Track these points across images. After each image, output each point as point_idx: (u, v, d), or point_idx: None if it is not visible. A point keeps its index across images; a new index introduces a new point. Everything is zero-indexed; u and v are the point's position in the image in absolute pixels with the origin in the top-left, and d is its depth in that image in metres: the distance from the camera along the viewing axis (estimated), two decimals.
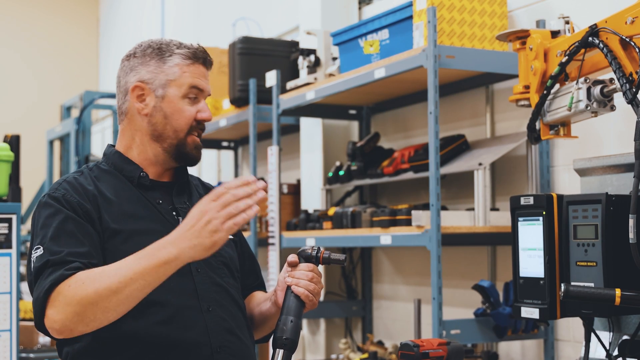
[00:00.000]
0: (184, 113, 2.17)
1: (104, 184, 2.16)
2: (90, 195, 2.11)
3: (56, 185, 2.14)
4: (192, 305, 2.08)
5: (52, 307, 1.92)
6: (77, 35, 11.22)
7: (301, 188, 5.03)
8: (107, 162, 2.23)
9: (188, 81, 2.17)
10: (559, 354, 3.62)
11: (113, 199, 2.12)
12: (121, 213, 2.11)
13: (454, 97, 4.23)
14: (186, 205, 2.21)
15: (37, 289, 1.96)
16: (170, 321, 2.04)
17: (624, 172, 2.46)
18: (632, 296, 2.13)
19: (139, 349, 2.02)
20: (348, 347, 4.57)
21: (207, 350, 2.06)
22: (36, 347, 4.92)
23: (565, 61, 2.51)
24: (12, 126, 8.32)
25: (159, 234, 2.06)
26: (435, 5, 3.48)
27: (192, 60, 2.19)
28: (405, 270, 4.65)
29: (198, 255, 1.89)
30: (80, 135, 7.34)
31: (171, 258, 1.89)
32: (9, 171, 3.55)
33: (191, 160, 2.22)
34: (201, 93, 2.20)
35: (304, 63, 4.45)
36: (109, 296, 1.88)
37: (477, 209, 3.60)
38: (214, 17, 7.18)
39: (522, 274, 2.45)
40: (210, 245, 1.88)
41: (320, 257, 2.11)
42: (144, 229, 2.11)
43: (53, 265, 1.96)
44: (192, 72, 2.18)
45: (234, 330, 2.14)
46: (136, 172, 2.18)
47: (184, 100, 2.17)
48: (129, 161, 2.20)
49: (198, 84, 2.18)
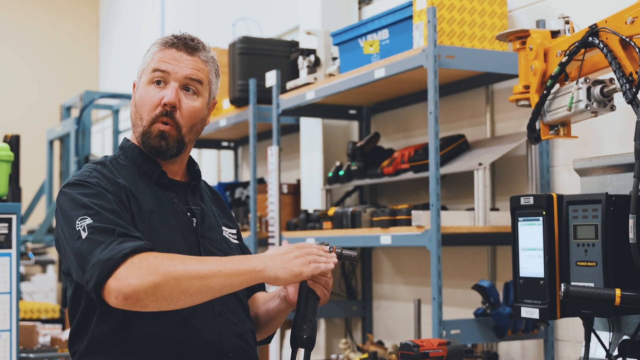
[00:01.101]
0: (147, 99, 2.11)
1: (124, 177, 2.13)
2: (122, 186, 2.07)
3: (87, 173, 2.08)
4: (205, 309, 2.06)
5: (129, 270, 1.84)
6: (77, 35, 11.22)
7: (301, 188, 5.03)
8: (125, 156, 2.19)
9: (152, 65, 2.13)
10: (559, 354, 3.62)
11: (136, 191, 2.10)
12: (145, 204, 2.08)
13: (454, 97, 4.23)
14: (200, 207, 2.20)
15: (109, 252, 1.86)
16: (185, 323, 2.03)
17: (624, 172, 2.46)
18: (632, 296, 2.13)
19: (153, 350, 2.01)
20: (348, 347, 4.57)
21: (219, 354, 2.06)
22: (36, 347, 4.92)
23: (565, 61, 2.51)
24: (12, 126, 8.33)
25: (179, 230, 2.06)
26: (435, 5, 3.48)
27: (164, 46, 2.14)
28: (405, 270, 4.65)
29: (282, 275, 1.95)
30: (80, 135, 7.34)
31: (258, 268, 1.93)
32: (9, 171, 3.55)
33: (156, 151, 2.13)
34: (168, 75, 2.11)
35: (304, 63, 4.45)
36: (194, 278, 1.87)
37: (477, 209, 3.60)
38: (214, 17, 7.18)
39: (522, 274, 2.45)
40: (298, 273, 1.97)
41: (333, 251, 2.09)
42: (167, 224, 2.09)
43: (123, 236, 1.91)
44: (159, 57, 2.13)
45: (243, 334, 2.14)
46: (155, 169, 2.16)
47: (150, 86, 2.12)
48: (149, 158, 2.17)
49: (159, 66, 2.11)
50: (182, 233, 2.12)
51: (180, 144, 2.14)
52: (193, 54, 2.15)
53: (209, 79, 2.19)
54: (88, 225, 1.92)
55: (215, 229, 2.23)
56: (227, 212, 2.37)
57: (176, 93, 2.10)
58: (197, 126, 2.18)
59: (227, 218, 2.35)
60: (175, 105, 2.10)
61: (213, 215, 2.26)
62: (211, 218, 2.24)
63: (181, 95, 2.12)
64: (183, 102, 2.12)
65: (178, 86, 2.11)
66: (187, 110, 2.13)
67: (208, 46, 2.20)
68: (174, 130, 2.12)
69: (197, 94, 2.15)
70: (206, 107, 2.20)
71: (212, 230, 2.21)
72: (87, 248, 1.90)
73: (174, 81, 2.11)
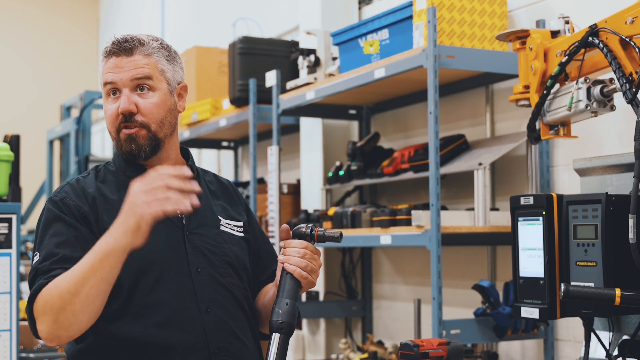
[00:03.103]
0: (108, 112, 2.13)
1: (109, 184, 2.16)
2: (90, 197, 2.10)
3: (58, 189, 2.16)
4: (189, 307, 2.06)
5: (36, 317, 1.96)
6: (77, 35, 11.22)
7: (301, 188, 5.03)
8: (114, 163, 2.23)
9: (102, 79, 2.14)
10: (559, 354, 3.62)
11: (115, 199, 2.11)
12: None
13: (454, 97, 4.23)
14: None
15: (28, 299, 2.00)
16: (167, 323, 2.03)
17: (624, 172, 2.46)
18: (632, 296, 2.13)
19: (136, 352, 2.01)
20: (348, 347, 4.57)
21: (204, 352, 2.05)
22: (36, 347, 4.92)
23: (565, 61, 2.51)
24: (12, 126, 8.32)
25: (163, 230, 2.06)
26: (435, 5, 3.48)
27: (106, 57, 2.14)
28: (405, 270, 4.65)
29: (131, 241, 1.87)
30: (80, 135, 7.34)
31: (109, 248, 1.89)
32: (8, 171, 3.55)
33: (130, 155, 2.13)
34: (116, 85, 2.10)
35: (304, 63, 4.45)
36: (72, 299, 1.89)
37: (477, 209, 3.60)
38: (214, 17, 7.18)
39: (522, 274, 2.45)
40: (135, 228, 1.86)
41: (315, 234, 2.02)
42: None
43: (41, 274, 1.99)
44: (105, 69, 2.13)
45: (234, 331, 2.12)
46: (137, 172, 2.14)
47: (109, 99, 2.13)
48: (130, 162, 2.18)
49: (106, 78, 2.11)
50: (167, 233, 2.10)
51: (154, 140, 2.13)
52: (131, 54, 2.12)
53: (159, 69, 2.14)
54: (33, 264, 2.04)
55: (209, 224, 2.20)
56: (235, 204, 2.33)
57: (127, 99, 2.09)
58: (167, 118, 2.15)
59: (235, 210, 2.31)
60: (132, 111, 2.09)
61: (210, 210, 2.23)
62: (206, 213, 2.21)
63: (136, 98, 2.10)
64: (140, 102, 2.10)
65: (129, 90, 2.10)
66: (146, 109, 2.11)
67: (147, 38, 2.16)
68: (142, 130, 2.11)
69: (152, 89, 2.13)
70: (170, 96, 2.16)
71: (205, 225, 2.19)
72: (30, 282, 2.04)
73: (123, 87, 2.11)
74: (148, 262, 2.05)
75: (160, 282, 2.05)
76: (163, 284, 2.03)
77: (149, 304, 2.02)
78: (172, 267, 2.08)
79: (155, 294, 2.02)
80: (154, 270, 2.06)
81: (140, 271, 2.04)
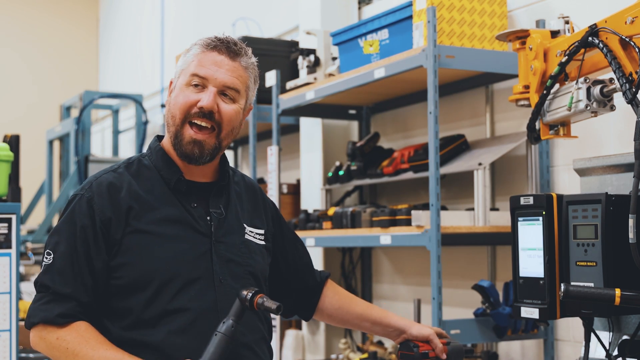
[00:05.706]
0: (182, 98, 2.09)
1: (142, 181, 2.12)
2: (118, 201, 2.07)
3: (89, 183, 2.11)
4: (210, 316, 2.05)
5: (36, 336, 2.01)
6: (77, 35, 11.22)
7: (301, 188, 5.03)
8: (149, 157, 2.18)
9: (191, 69, 2.10)
10: (558, 354, 3.62)
11: (148, 199, 2.09)
12: (154, 215, 2.08)
13: (454, 97, 4.23)
14: (220, 211, 2.16)
15: (32, 307, 2.02)
16: (187, 331, 2.02)
17: (624, 172, 2.46)
18: (632, 296, 2.13)
19: (155, 358, 2.00)
20: (348, 347, 4.56)
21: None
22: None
23: (565, 61, 2.51)
24: (12, 126, 8.31)
25: (191, 239, 2.05)
26: (435, 5, 3.48)
27: (205, 49, 2.11)
28: (405, 270, 4.65)
29: None
30: (80, 135, 7.35)
31: None
32: (8, 171, 3.55)
33: (188, 157, 2.11)
34: (206, 81, 2.09)
35: (304, 63, 4.45)
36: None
37: (477, 209, 3.59)
38: (214, 17, 7.17)
39: (522, 274, 2.45)
40: None
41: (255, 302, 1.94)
42: (174, 234, 2.08)
43: (53, 294, 2.01)
44: (200, 60, 2.10)
45: (250, 344, 2.12)
46: (174, 176, 2.13)
47: (188, 88, 2.10)
48: (170, 162, 2.15)
49: (199, 71, 2.09)
50: (194, 242, 2.09)
51: (217, 150, 2.13)
52: (235, 59, 2.13)
53: (247, 85, 2.16)
54: (45, 266, 2.05)
55: (235, 232, 2.19)
56: (258, 209, 2.32)
57: (213, 97, 2.09)
58: (235, 130, 2.16)
59: (257, 216, 2.30)
60: (213, 110, 2.09)
61: (236, 217, 2.21)
62: (232, 220, 2.19)
63: (219, 100, 2.10)
64: (221, 106, 2.11)
65: (216, 91, 2.10)
66: (226, 114, 2.11)
67: (250, 52, 2.18)
68: (211, 137, 2.10)
69: (234, 101, 2.13)
70: (242, 112, 2.18)
71: (231, 234, 2.17)
72: (38, 280, 2.06)
73: (212, 86, 2.09)
74: (173, 271, 2.04)
75: (184, 291, 2.04)
76: (186, 292, 2.03)
77: (171, 310, 2.02)
78: (197, 277, 2.07)
79: (178, 302, 2.02)
80: (179, 279, 2.05)
81: (165, 279, 2.03)
